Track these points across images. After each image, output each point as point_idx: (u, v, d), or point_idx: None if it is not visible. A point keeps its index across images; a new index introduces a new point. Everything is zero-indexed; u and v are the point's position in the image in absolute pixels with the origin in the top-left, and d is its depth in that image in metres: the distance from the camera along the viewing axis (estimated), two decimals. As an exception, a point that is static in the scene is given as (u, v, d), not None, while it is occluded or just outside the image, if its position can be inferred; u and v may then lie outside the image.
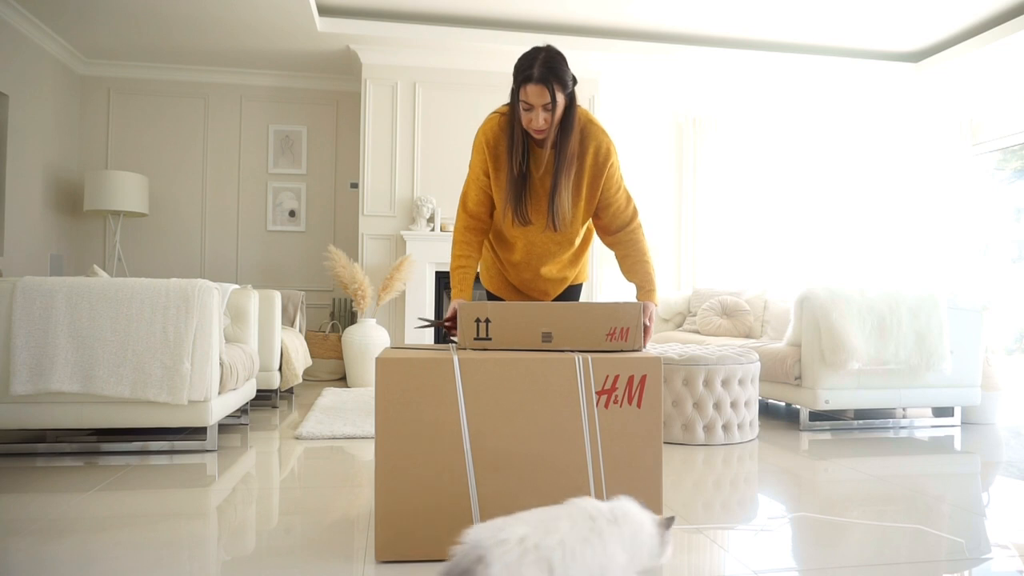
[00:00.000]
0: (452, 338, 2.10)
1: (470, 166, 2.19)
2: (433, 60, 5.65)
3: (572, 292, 2.46)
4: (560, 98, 1.98)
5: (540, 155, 2.11)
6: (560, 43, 5.46)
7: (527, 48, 2.14)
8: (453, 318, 2.06)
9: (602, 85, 6.21)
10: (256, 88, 6.13)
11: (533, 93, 1.95)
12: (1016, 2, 4.91)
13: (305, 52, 5.62)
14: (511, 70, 2.08)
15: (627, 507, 1.30)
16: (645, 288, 2.20)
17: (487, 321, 1.80)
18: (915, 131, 6.99)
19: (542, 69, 1.94)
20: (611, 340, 1.80)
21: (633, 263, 2.23)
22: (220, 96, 6.10)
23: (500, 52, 5.53)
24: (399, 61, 5.63)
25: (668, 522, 1.33)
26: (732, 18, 5.25)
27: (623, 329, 1.80)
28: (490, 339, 1.81)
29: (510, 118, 2.07)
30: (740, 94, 6.51)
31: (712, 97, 6.57)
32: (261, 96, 6.15)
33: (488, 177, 2.15)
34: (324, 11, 5.14)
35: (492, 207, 2.21)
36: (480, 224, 2.22)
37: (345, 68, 5.95)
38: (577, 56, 5.63)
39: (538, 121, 1.98)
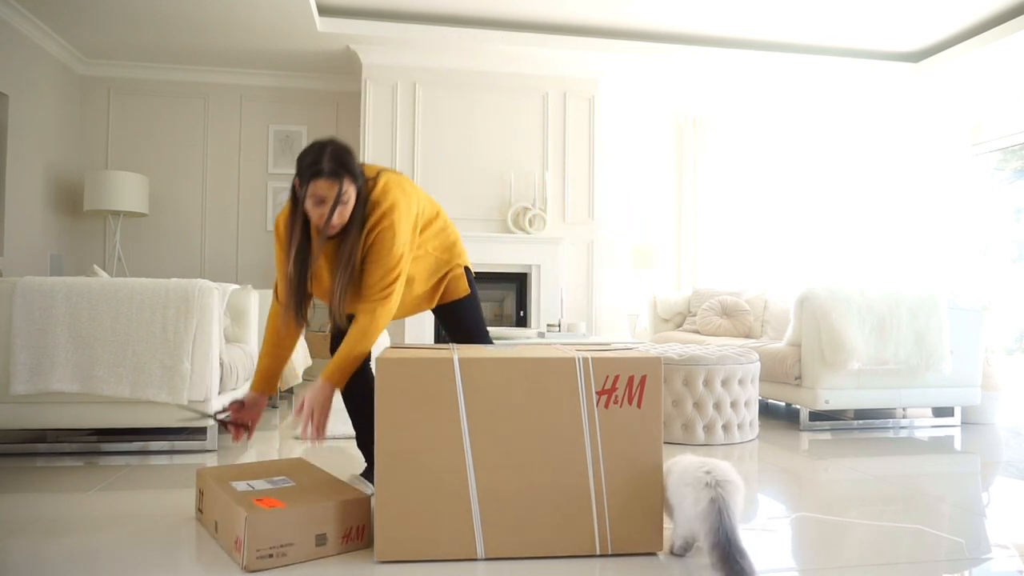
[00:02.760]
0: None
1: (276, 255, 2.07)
2: (433, 60, 5.65)
3: (457, 308, 2.33)
4: (351, 190, 1.91)
5: (318, 246, 1.99)
6: (560, 43, 5.47)
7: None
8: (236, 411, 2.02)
9: (602, 85, 6.21)
10: (256, 88, 6.13)
11: (322, 187, 1.86)
12: (1016, 2, 4.91)
13: (305, 52, 5.62)
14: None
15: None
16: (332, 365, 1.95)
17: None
18: (915, 131, 6.99)
19: (332, 163, 1.87)
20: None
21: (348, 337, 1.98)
22: (220, 96, 6.10)
23: (500, 52, 5.53)
24: (399, 61, 5.62)
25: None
26: (732, 18, 5.25)
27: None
28: None
29: (291, 210, 1.96)
30: (740, 94, 6.51)
31: (712, 97, 6.57)
32: (261, 96, 6.15)
33: (283, 264, 2.04)
34: (324, 11, 5.13)
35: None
36: (279, 313, 2.08)
37: (345, 68, 5.95)
38: (577, 56, 5.63)
39: (332, 217, 1.89)
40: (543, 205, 5.78)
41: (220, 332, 2.96)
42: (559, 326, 4.77)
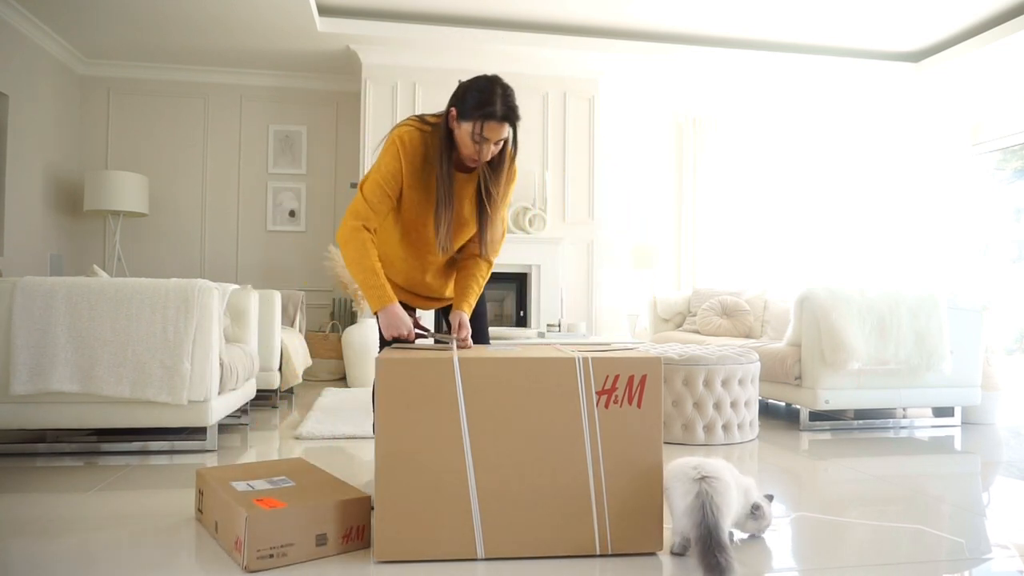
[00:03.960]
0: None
1: (380, 168, 1.98)
2: (433, 60, 5.65)
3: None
4: (510, 135, 1.95)
5: (458, 178, 2.03)
6: (560, 43, 5.47)
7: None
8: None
9: (602, 85, 6.20)
10: (256, 88, 6.13)
11: (493, 130, 1.87)
12: (1016, 2, 4.91)
13: (305, 52, 5.62)
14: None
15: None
16: (461, 296, 2.14)
17: None
18: (915, 131, 6.99)
19: (504, 107, 1.87)
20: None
21: (464, 278, 2.18)
22: (220, 96, 6.09)
23: (500, 52, 5.52)
24: (399, 61, 5.62)
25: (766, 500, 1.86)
26: (732, 18, 5.25)
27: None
28: None
29: (443, 138, 1.94)
30: (740, 94, 6.51)
31: (712, 97, 6.57)
32: (261, 96, 6.15)
33: (398, 184, 1.99)
34: (324, 11, 5.13)
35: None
36: (375, 230, 2.05)
37: (345, 68, 5.95)
38: (577, 56, 5.63)
39: (486, 155, 1.92)
40: (543, 205, 5.79)
41: (220, 332, 2.96)
42: (559, 326, 4.78)
